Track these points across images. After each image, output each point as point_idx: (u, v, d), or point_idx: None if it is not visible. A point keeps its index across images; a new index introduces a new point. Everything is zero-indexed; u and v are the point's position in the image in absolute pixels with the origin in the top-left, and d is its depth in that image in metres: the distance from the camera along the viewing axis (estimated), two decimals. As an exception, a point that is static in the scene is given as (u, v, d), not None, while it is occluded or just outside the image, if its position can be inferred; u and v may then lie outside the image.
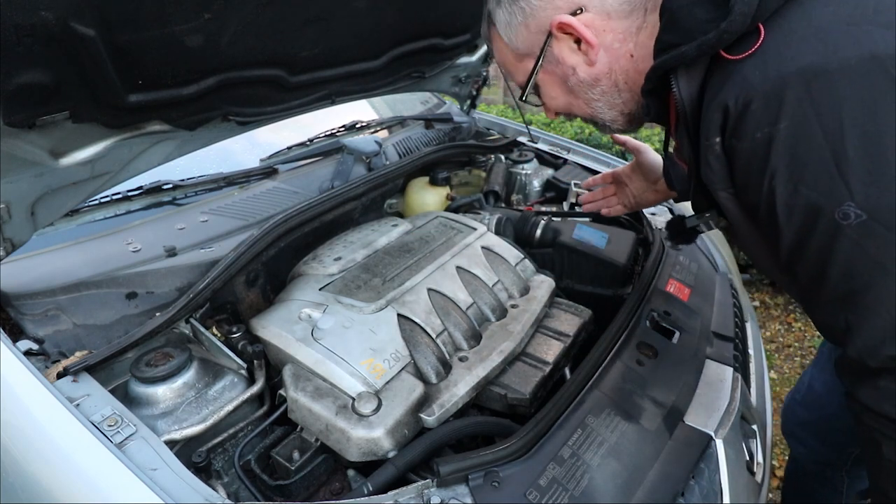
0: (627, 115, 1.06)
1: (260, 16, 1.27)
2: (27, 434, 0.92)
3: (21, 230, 1.21)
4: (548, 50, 1.02)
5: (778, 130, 0.75)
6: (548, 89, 1.09)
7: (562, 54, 1.01)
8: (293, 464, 1.01)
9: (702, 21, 0.80)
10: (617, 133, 1.17)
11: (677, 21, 0.84)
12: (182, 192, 1.67)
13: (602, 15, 0.96)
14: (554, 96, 1.09)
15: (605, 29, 0.96)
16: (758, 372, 1.52)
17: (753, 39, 0.77)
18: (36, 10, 0.93)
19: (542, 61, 1.03)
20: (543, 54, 1.02)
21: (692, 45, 0.81)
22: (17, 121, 1.06)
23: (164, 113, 1.32)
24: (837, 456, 1.54)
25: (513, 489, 0.92)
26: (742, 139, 0.78)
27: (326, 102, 1.75)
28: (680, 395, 1.20)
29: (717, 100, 0.80)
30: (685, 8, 0.83)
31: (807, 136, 0.73)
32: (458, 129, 2.40)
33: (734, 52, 0.79)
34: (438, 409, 1.09)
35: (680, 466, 1.06)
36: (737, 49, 0.78)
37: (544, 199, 2.06)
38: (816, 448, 1.56)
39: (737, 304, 1.59)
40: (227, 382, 1.15)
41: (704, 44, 0.79)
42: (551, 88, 1.08)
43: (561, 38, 0.99)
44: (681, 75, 0.86)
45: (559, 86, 1.07)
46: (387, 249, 1.50)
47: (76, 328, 1.23)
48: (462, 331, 1.27)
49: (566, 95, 1.08)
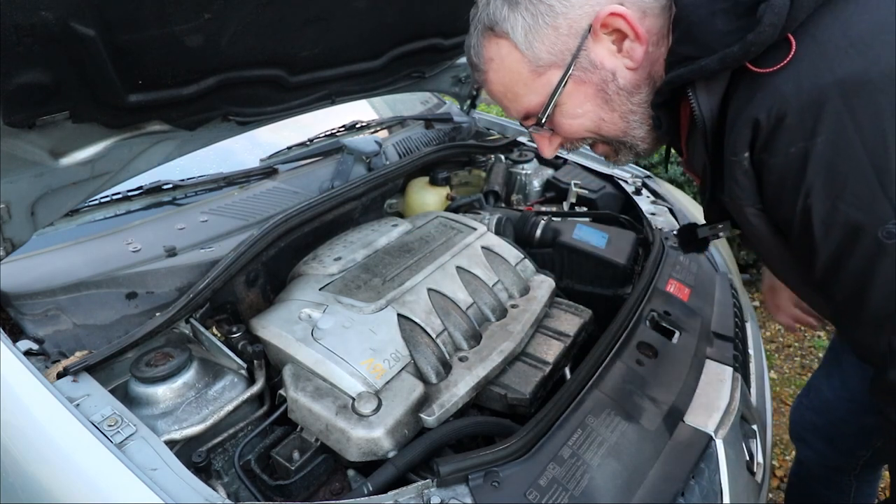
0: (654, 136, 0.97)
1: (260, 16, 1.27)
2: (27, 434, 0.92)
3: (21, 230, 1.21)
4: (581, 54, 0.89)
5: (815, 145, 0.71)
6: (573, 105, 0.93)
7: (600, 57, 0.89)
8: (293, 464, 1.01)
9: (722, 33, 0.76)
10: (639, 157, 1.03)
11: (694, 33, 0.79)
12: (182, 192, 1.67)
13: (639, 13, 0.87)
14: (580, 113, 0.94)
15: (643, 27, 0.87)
16: (758, 372, 1.52)
17: (783, 50, 0.73)
18: (36, 10, 0.93)
19: (574, 69, 0.90)
20: (576, 60, 0.89)
21: (713, 58, 0.76)
22: (17, 121, 1.06)
23: (164, 113, 1.32)
24: (846, 460, 1.53)
25: (513, 489, 0.92)
26: (774, 154, 0.74)
27: (326, 102, 1.75)
28: (680, 395, 1.20)
29: (745, 114, 0.75)
30: (703, 19, 0.78)
31: (846, 150, 0.70)
32: (458, 129, 2.40)
33: (762, 64, 0.74)
34: (438, 409, 1.09)
35: (680, 466, 1.06)
36: (765, 61, 0.74)
37: (544, 199, 2.06)
38: (825, 452, 1.55)
39: (737, 304, 1.59)
40: (227, 382, 1.15)
41: (728, 57, 0.75)
42: (579, 103, 0.93)
43: (600, 39, 0.88)
44: (700, 89, 0.81)
45: (592, 98, 0.92)
46: (387, 249, 1.50)
47: (76, 328, 1.23)
48: (462, 331, 1.27)
49: (598, 110, 0.93)
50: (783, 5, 0.71)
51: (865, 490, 1.59)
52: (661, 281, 1.50)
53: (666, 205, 1.92)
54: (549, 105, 0.93)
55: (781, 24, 0.71)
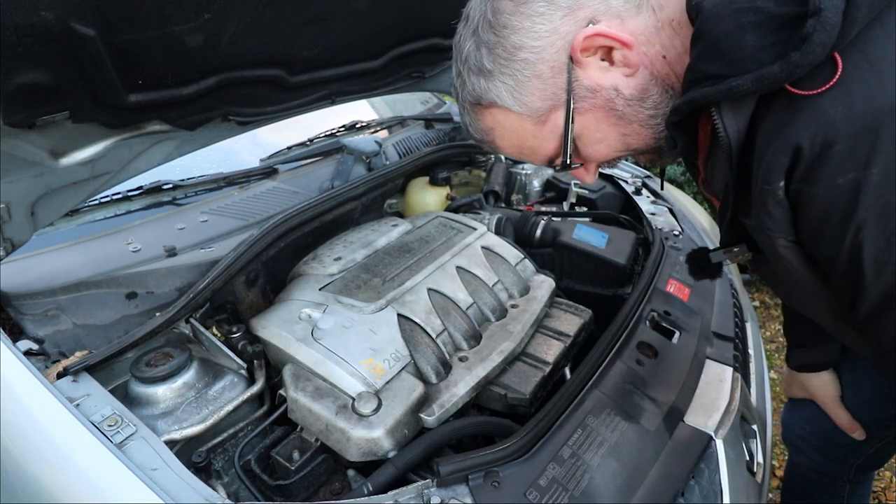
0: None
1: (260, 16, 1.27)
2: (27, 434, 0.92)
3: (21, 230, 1.21)
4: (575, 85, 0.85)
5: (869, 176, 0.64)
6: (591, 133, 0.90)
7: (595, 79, 0.85)
8: (293, 464, 1.01)
9: (755, 49, 0.68)
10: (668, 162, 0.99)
11: (721, 48, 0.71)
12: (182, 192, 1.67)
13: (614, 19, 0.83)
14: (601, 138, 0.90)
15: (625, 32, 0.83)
16: (758, 372, 1.52)
17: (828, 70, 0.65)
18: (36, 10, 0.93)
19: (575, 101, 0.86)
20: (572, 92, 0.86)
21: (746, 78, 0.68)
22: (17, 121, 1.06)
23: (164, 113, 1.32)
24: (839, 467, 1.53)
25: (513, 489, 0.92)
26: (818, 185, 0.67)
27: (326, 102, 1.75)
28: (680, 395, 1.20)
29: (782, 139, 0.68)
30: (731, 33, 0.70)
31: None
32: (458, 129, 2.40)
33: (804, 85, 0.66)
34: (438, 409, 1.09)
35: (680, 466, 1.06)
36: (807, 82, 0.66)
37: (544, 199, 2.06)
38: (817, 460, 1.55)
39: (737, 304, 1.59)
40: (227, 382, 1.14)
41: (766, 78, 0.66)
42: (596, 129, 0.89)
43: (586, 63, 0.84)
44: (725, 109, 0.73)
45: (605, 120, 0.88)
46: (387, 249, 1.50)
47: (76, 328, 1.23)
48: (462, 331, 1.27)
49: (618, 128, 0.89)
50: (836, 22, 0.62)
51: (859, 490, 1.59)
52: (661, 281, 1.50)
53: (666, 205, 1.92)
54: (567, 146, 0.90)
55: (832, 43, 0.63)
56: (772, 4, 0.68)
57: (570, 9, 0.83)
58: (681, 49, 0.82)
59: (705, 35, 0.74)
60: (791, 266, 0.80)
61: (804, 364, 1.39)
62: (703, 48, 0.74)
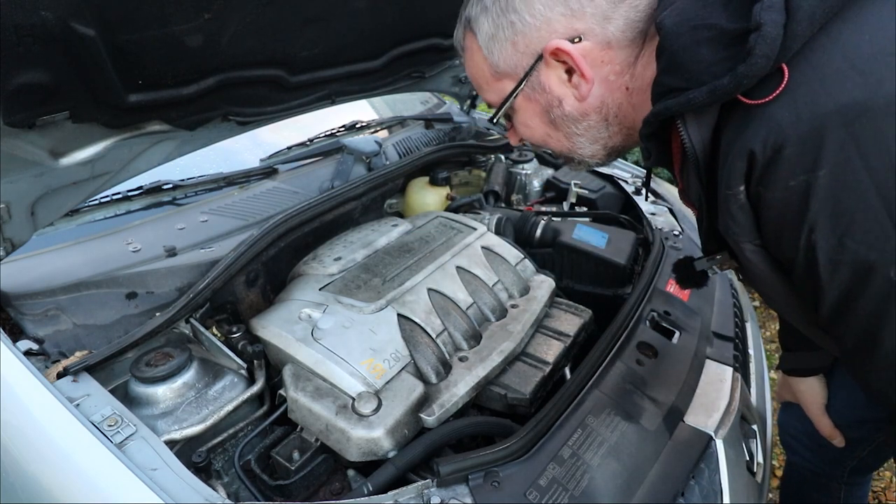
0: (609, 149, 0.98)
1: (260, 16, 1.27)
2: (27, 434, 0.92)
3: (21, 230, 1.21)
4: (533, 74, 0.91)
5: (817, 178, 0.66)
6: (524, 117, 0.98)
7: (549, 82, 0.91)
8: (293, 464, 1.01)
9: (709, 63, 0.72)
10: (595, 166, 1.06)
11: (679, 63, 0.75)
12: (182, 192, 1.67)
13: (602, 45, 0.86)
14: (530, 126, 0.99)
15: (604, 60, 0.87)
16: (758, 372, 1.52)
17: (776, 80, 0.68)
18: (36, 10, 0.93)
19: (525, 86, 0.93)
20: (527, 78, 0.92)
21: (701, 90, 0.72)
22: (17, 121, 1.06)
23: (164, 113, 1.32)
24: (833, 468, 1.53)
25: (513, 489, 0.92)
26: (772, 188, 0.70)
27: (326, 102, 1.75)
28: (680, 395, 1.20)
29: (738, 145, 0.71)
30: (688, 48, 0.74)
31: (852, 182, 0.65)
32: (458, 129, 2.40)
33: (754, 95, 0.70)
34: (438, 409, 1.09)
35: (680, 466, 1.06)
36: (757, 92, 0.69)
37: (544, 199, 2.06)
38: (812, 460, 1.55)
39: (737, 304, 1.59)
40: (227, 382, 1.14)
41: (718, 89, 0.70)
42: (529, 117, 0.98)
43: (552, 65, 0.89)
44: (689, 120, 0.77)
45: (539, 115, 0.96)
46: (387, 249, 1.50)
47: (76, 328, 1.23)
48: (462, 331, 1.27)
49: (545, 127, 0.97)
50: (776, 35, 0.66)
51: (856, 492, 1.59)
52: (661, 281, 1.50)
53: (666, 205, 1.92)
54: (500, 111, 0.99)
55: (774, 56, 0.66)
56: (724, 21, 0.72)
57: (571, 12, 0.86)
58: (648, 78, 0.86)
59: (666, 50, 0.77)
60: (759, 270, 0.81)
61: (791, 368, 1.41)
62: (665, 63, 0.78)
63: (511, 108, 0.98)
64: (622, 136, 0.96)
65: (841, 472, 1.53)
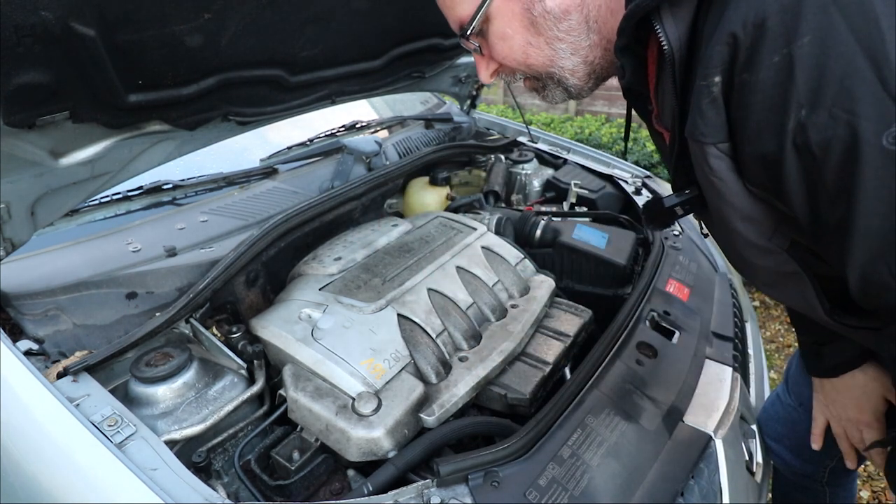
0: (590, 66, 0.92)
1: (260, 16, 1.27)
2: (27, 434, 0.92)
3: (21, 230, 1.21)
4: None
5: (800, 47, 0.62)
6: (502, 23, 0.90)
7: None
8: (293, 464, 1.01)
9: None
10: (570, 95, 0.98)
11: None
12: (182, 192, 1.67)
13: None
14: (509, 34, 0.91)
15: None
16: (757, 372, 1.52)
17: None
18: (36, 10, 0.93)
19: None
20: None
21: None
22: (17, 121, 1.06)
23: (164, 113, 1.32)
24: (814, 469, 1.53)
25: (513, 489, 0.92)
26: (756, 69, 0.65)
27: (326, 102, 1.75)
28: (680, 395, 1.20)
29: (719, 32, 0.67)
30: None
31: (836, 46, 0.60)
32: (458, 129, 2.40)
33: None
34: (438, 409, 1.09)
35: (680, 466, 1.06)
36: None
37: (544, 199, 2.06)
38: (792, 462, 1.55)
39: (737, 304, 1.59)
40: (227, 382, 1.15)
41: None
42: (508, 22, 0.90)
43: None
44: (665, 16, 0.74)
45: (518, 18, 0.89)
46: (387, 249, 1.51)
47: (76, 328, 1.23)
48: (462, 331, 1.27)
49: (525, 32, 0.90)
50: None
51: (841, 494, 1.58)
52: (661, 281, 1.50)
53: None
54: (477, 18, 0.90)
55: None
56: None
57: None
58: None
59: None
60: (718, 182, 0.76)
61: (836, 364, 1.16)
62: None
63: (487, 16, 0.90)
64: (601, 48, 0.90)
65: (821, 472, 1.52)
